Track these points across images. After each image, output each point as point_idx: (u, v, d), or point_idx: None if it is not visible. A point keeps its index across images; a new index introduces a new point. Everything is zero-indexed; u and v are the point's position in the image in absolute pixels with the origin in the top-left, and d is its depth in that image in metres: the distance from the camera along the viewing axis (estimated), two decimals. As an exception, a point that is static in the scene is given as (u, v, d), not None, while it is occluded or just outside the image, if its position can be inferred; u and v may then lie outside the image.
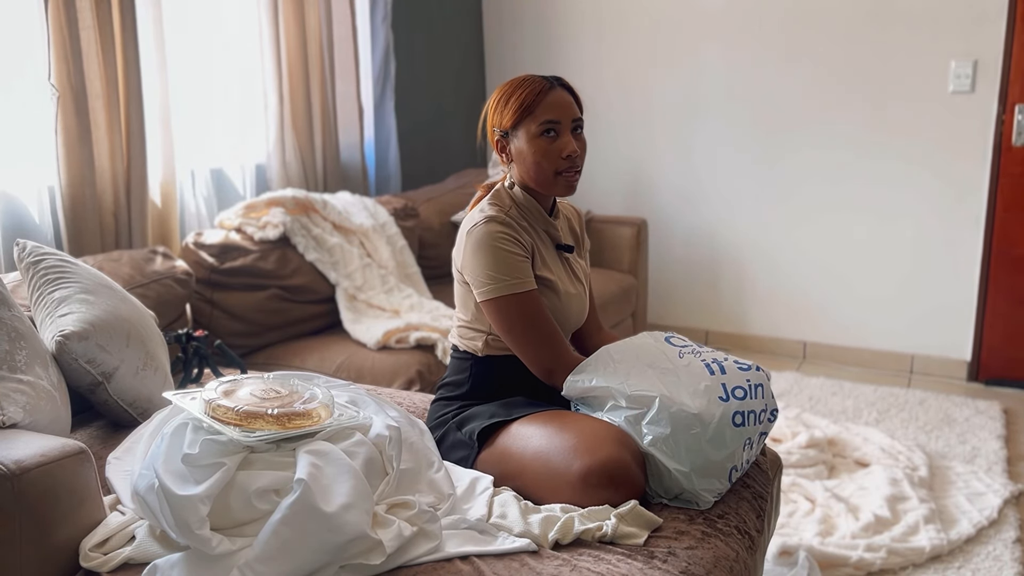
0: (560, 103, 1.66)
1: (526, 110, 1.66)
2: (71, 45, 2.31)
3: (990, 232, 3.51)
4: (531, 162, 1.67)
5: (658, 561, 1.35)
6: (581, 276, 1.81)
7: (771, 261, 3.97)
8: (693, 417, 1.49)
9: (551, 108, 1.65)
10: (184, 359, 2.13)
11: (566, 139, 1.66)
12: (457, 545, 1.37)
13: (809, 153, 3.80)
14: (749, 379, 1.59)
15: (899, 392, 3.48)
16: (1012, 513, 2.51)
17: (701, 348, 1.67)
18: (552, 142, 1.66)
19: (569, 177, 1.68)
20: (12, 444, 1.35)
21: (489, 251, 1.63)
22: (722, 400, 1.53)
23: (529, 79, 1.68)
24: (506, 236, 1.64)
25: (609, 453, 1.47)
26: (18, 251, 1.93)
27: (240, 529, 1.31)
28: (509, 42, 4.37)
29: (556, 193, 1.71)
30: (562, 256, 1.78)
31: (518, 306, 1.63)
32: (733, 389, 1.55)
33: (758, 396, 1.57)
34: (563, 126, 1.66)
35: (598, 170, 4.25)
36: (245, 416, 1.38)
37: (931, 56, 3.49)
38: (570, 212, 1.89)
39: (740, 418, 1.53)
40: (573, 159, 1.67)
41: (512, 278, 1.62)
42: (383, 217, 3.20)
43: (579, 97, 1.72)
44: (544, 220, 1.75)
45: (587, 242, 1.93)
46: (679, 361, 1.60)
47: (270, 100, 3.14)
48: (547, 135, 1.65)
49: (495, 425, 1.63)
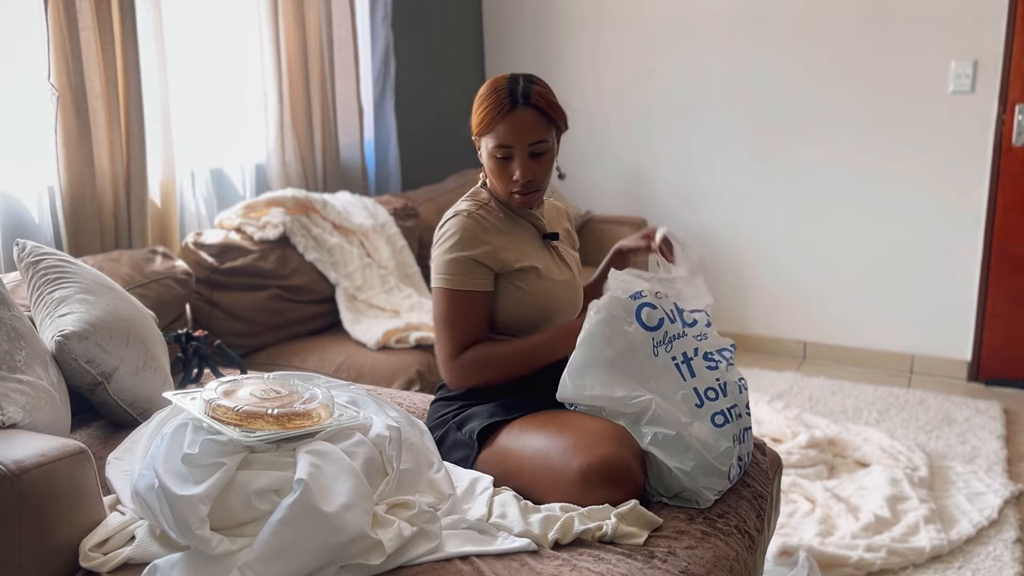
0: (518, 127, 1.65)
1: (486, 127, 1.67)
2: (71, 45, 2.31)
3: (990, 232, 3.51)
4: (489, 175, 1.73)
5: (658, 561, 1.35)
6: (571, 264, 1.83)
7: (771, 261, 3.97)
8: (683, 422, 1.52)
9: (507, 133, 1.65)
10: (184, 359, 2.13)
11: (518, 163, 1.66)
12: (457, 545, 1.37)
13: (809, 153, 3.80)
14: (719, 378, 1.60)
15: (899, 392, 3.48)
16: (1012, 513, 2.51)
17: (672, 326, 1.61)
18: (505, 165, 1.67)
19: (524, 197, 1.71)
20: (12, 444, 1.35)
21: (446, 245, 1.67)
22: (697, 407, 1.55)
23: (497, 90, 1.66)
24: (467, 235, 1.66)
25: (608, 451, 1.48)
26: (18, 251, 1.93)
27: (240, 529, 1.31)
28: (509, 42, 4.37)
29: (513, 206, 1.74)
30: (549, 245, 1.79)
31: (447, 300, 1.67)
32: (705, 391, 1.57)
33: (730, 393, 1.58)
34: (517, 150, 1.66)
35: (598, 170, 4.25)
36: (245, 416, 1.38)
37: (931, 56, 3.49)
38: (555, 207, 1.91)
39: (721, 418, 1.54)
40: (524, 184, 1.68)
41: (452, 275, 1.66)
42: (383, 217, 3.20)
43: (553, 110, 1.68)
44: (524, 211, 1.77)
45: (576, 241, 1.93)
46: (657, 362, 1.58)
47: (270, 100, 3.14)
48: (501, 158, 1.67)
49: (495, 425, 1.63)
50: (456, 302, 1.67)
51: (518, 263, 1.70)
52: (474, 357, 1.67)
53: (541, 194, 1.74)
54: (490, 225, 1.71)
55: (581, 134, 4.26)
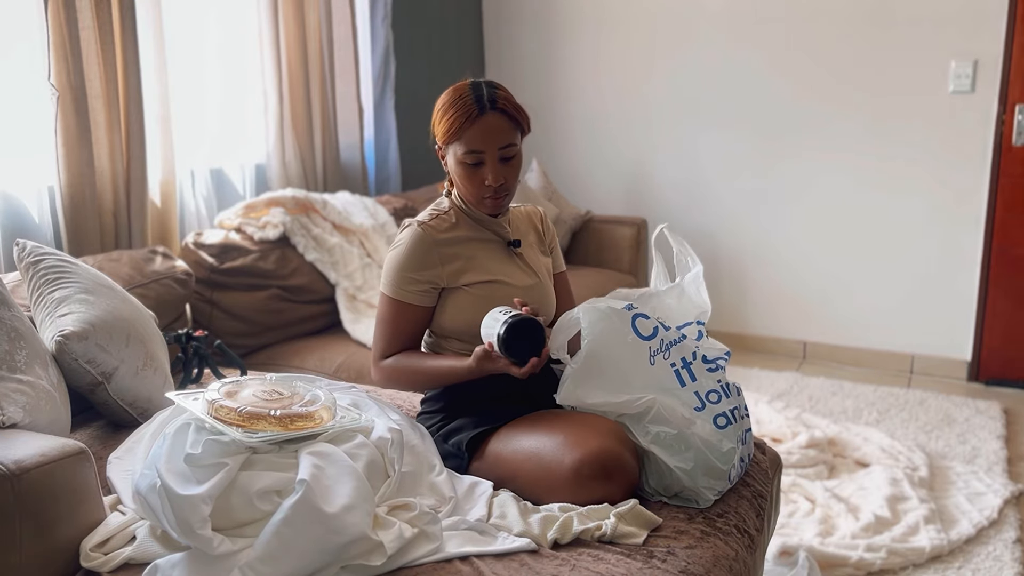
0: (487, 131, 1.64)
1: (453, 134, 1.66)
2: (71, 45, 2.31)
3: (990, 232, 3.51)
4: (458, 180, 1.71)
5: (657, 560, 1.35)
6: (538, 270, 1.79)
7: (771, 261, 3.97)
8: (685, 420, 1.52)
9: (476, 138, 1.64)
10: (184, 359, 2.13)
11: (489, 168, 1.65)
12: (457, 546, 1.37)
13: (809, 153, 3.80)
14: (720, 379, 1.60)
15: (899, 392, 3.49)
16: (1012, 513, 2.51)
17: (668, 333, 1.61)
18: (476, 171, 1.66)
19: (495, 201, 1.70)
20: (12, 444, 1.35)
21: (398, 254, 1.69)
22: (698, 410, 1.54)
23: (462, 97, 1.66)
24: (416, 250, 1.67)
25: (600, 444, 1.48)
26: (18, 251, 1.93)
27: (241, 529, 1.31)
28: (509, 42, 4.37)
29: (483, 211, 1.73)
30: (512, 252, 1.77)
31: (387, 305, 1.70)
32: (707, 394, 1.57)
33: (731, 394, 1.59)
34: (488, 155, 1.65)
35: (598, 170, 4.25)
36: (248, 417, 1.38)
37: (931, 56, 3.49)
38: (524, 215, 1.86)
39: (724, 420, 1.54)
40: (496, 188, 1.67)
41: (395, 284, 1.68)
42: (383, 217, 3.20)
43: (519, 113, 1.69)
44: (486, 220, 1.75)
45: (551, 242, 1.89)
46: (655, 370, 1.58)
47: (270, 100, 3.14)
48: (472, 164, 1.66)
49: (483, 433, 1.63)
50: (391, 308, 1.70)
51: (471, 275, 1.69)
52: (392, 365, 1.71)
53: (511, 197, 1.73)
54: (446, 238, 1.70)
55: (581, 134, 4.26)
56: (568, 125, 4.28)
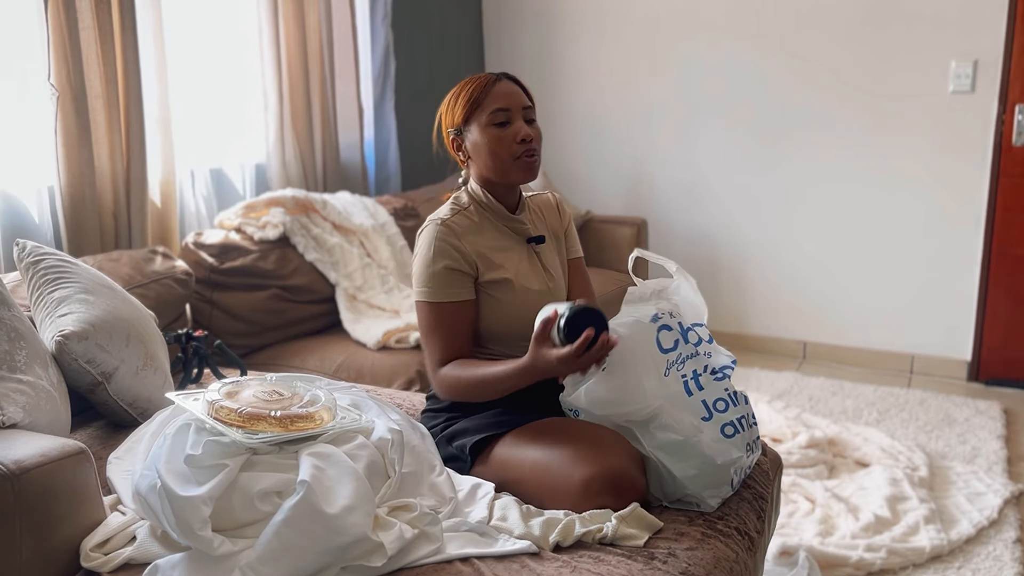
0: (508, 92, 1.67)
1: (475, 103, 1.67)
2: (71, 45, 2.31)
3: (990, 232, 3.51)
4: (487, 152, 1.66)
5: (658, 562, 1.35)
6: (554, 271, 1.76)
7: (771, 261, 3.97)
8: (693, 428, 1.51)
9: (499, 97, 1.66)
10: (184, 359, 2.13)
11: (518, 124, 1.66)
12: (458, 547, 1.37)
13: (809, 153, 3.80)
14: (727, 388, 1.59)
15: (899, 392, 3.49)
16: (1012, 513, 2.51)
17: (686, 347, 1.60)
18: (505, 129, 1.65)
19: (527, 160, 1.66)
20: (12, 444, 1.35)
21: (423, 256, 1.65)
22: (705, 420, 1.52)
23: (475, 76, 1.70)
24: (442, 245, 1.63)
25: (611, 461, 1.47)
26: (18, 251, 1.93)
27: (242, 530, 1.31)
28: (509, 42, 4.36)
29: (516, 180, 1.68)
30: (532, 250, 1.74)
31: (428, 312, 1.65)
32: (714, 403, 1.55)
33: (739, 403, 1.58)
34: (513, 113, 1.66)
35: (598, 170, 4.25)
36: (248, 418, 1.38)
37: (931, 56, 3.49)
38: (541, 203, 1.84)
39: (731, 429, 1.53)
40: (528, 143, 1.65)
41: (431, 287, 1.64)
42: (383, 217, 3.20)
43: (529, 91, 1.73)
44: (506, 217, 1.72)
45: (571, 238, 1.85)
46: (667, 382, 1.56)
47: (270, 100, 3.14)
48: (499, 124, 1.65)
49: (487, 438, 1.62)
50: (437, 314, 1.64)
51: (492, 272, 1.67)
52: (450, 377, 1.63)
53: (539, 164, 1.70)
54: (466, 231, 1.67)
55: (581, 134, 4.26)
56: (568, 125, 4.28)
